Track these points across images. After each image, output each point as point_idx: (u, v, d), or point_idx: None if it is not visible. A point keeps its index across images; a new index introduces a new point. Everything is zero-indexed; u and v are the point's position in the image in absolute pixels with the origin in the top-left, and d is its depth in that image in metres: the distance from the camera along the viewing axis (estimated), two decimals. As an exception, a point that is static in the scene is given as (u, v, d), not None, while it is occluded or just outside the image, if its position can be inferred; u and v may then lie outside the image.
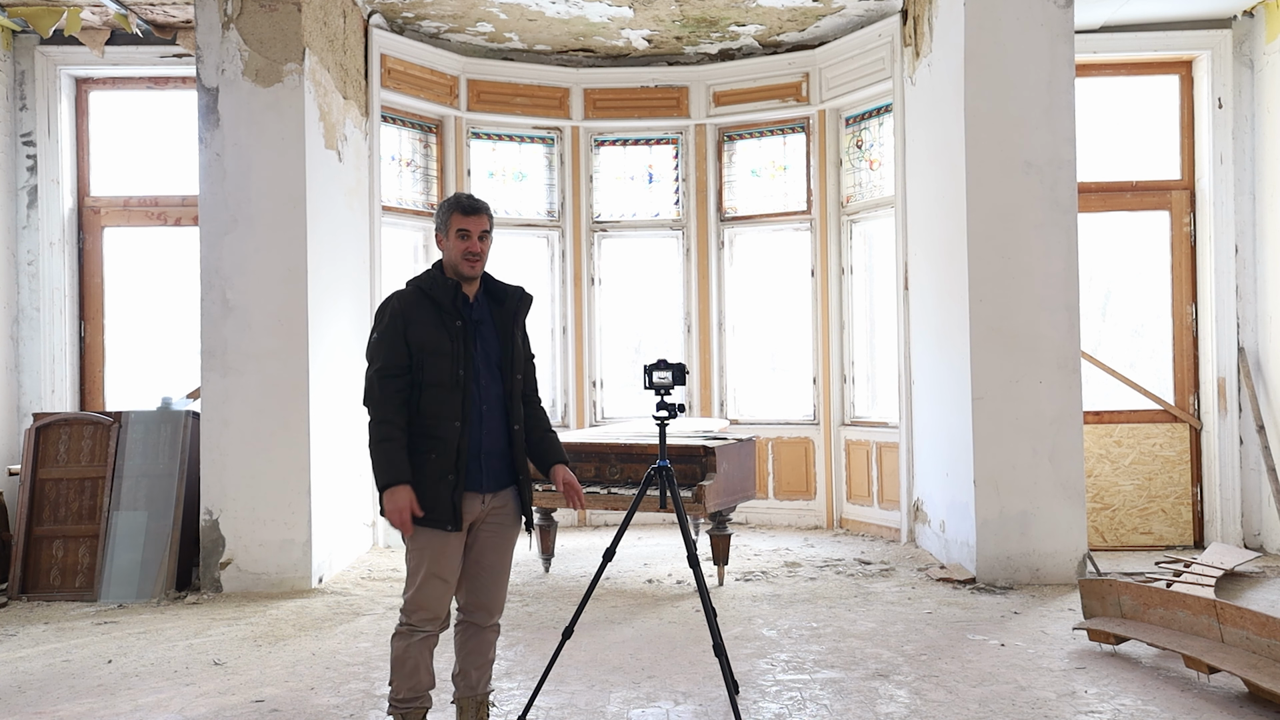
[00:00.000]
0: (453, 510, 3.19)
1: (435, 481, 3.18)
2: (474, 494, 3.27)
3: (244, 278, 5.92)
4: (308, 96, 6.01)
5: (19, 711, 3.94)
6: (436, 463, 3.19)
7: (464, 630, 3.40)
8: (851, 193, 7.92)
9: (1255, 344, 6.92)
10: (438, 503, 3.18)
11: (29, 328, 7.07)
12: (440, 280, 3.32)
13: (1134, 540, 7.02)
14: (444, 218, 3.33)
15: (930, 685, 4.05)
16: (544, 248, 8.37)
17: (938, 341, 6.47)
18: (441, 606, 3.26)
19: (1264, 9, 6.83)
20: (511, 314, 3.40)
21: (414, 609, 3.23)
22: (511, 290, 3.44)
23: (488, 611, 3.37)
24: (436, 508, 3.18)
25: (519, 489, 3.39)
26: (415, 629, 3.24)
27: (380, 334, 3.28)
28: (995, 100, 5.86)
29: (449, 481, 3.19)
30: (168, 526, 5.99)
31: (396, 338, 3.23)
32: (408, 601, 3.25)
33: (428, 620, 3.24)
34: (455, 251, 3.30)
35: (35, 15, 6.67)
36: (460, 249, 3.29)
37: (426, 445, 3.20)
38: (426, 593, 3.22)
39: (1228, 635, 3.94)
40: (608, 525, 8.10)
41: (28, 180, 7.10)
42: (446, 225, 3.32)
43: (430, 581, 3.22)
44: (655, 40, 7.93)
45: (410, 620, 3.23)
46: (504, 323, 3.38)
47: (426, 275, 3.37)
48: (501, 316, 3.39)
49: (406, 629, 3.25)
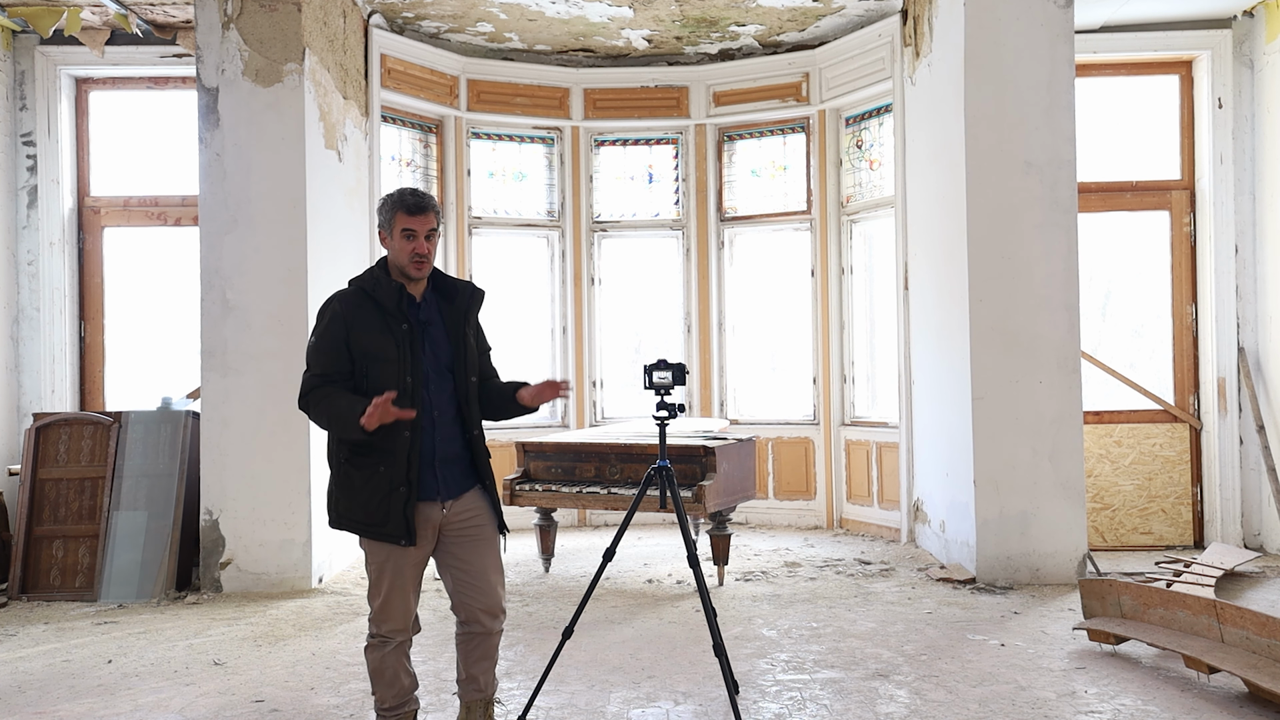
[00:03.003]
0: (405, 524, 3.06)
1: (386, 494, 3.05)
2: (430, 503, 3.14)
3: (244, 278, 5.92)
4: (308, 96, 6.01)
5: (19, 711, 3.94)
6: (386, 475, 3.05)
7: (469, 640, 3.29)
8: (851, 193, 7.92)
9: (1255, 344, 6.92)
10: (390, 516, 3.06)
11: (29, 328, 7.07)
12: (384, 281, 3.14)
13: (1134, 540, 7.02)
14: (388, 215, 3.14)
15: (930, 685, 4.05)
16: (544, 248, 8.37)
17: (938, 341, 6.47)
18: (408, 615, 3.20)
19: (1264, 9, 6.83)
20: (462, 312, 3.24)
21: (382, 620, 3.17)
22: (461, 286, 3.28)
23: (491, 615, 3.25)
24: (389, 521, 3.06)
25: (485, 491, 3.26)
26: (387, 640, 3.18)
27: (319, 338, 3.12)
28: (995, 100, 5.86)
29: (400, 494, 3.05)
30: (168, 526, 5.99)
31: (337, 343, 3.09)
32: (375, 613, 3.17)
33: (397, 630, 3.18)
34: (401, 253, 3.12)
35: (35, 15, 6.67)
36: (406, 250, 3.11)
37: (375, 458, 3.06)
38: (392, 605, 3.16)
39: (1228, 635, 3.94)
40: (608, 525, 8.10)
41: (28, 180, 7.10)
42: (390, 224, 3.12)
43: (393, 594, 3.15)
44: (655, 40, 7.93)
45: (380, 632, 3.17)
46: (454, 321, 3.22)
47: (369, 275, 3.19)
48: (452, 315, 3.22)
49: (378, 640, 3.19)
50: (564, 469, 6.16)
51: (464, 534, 3.22)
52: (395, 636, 3.19)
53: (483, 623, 3.26)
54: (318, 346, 3.14)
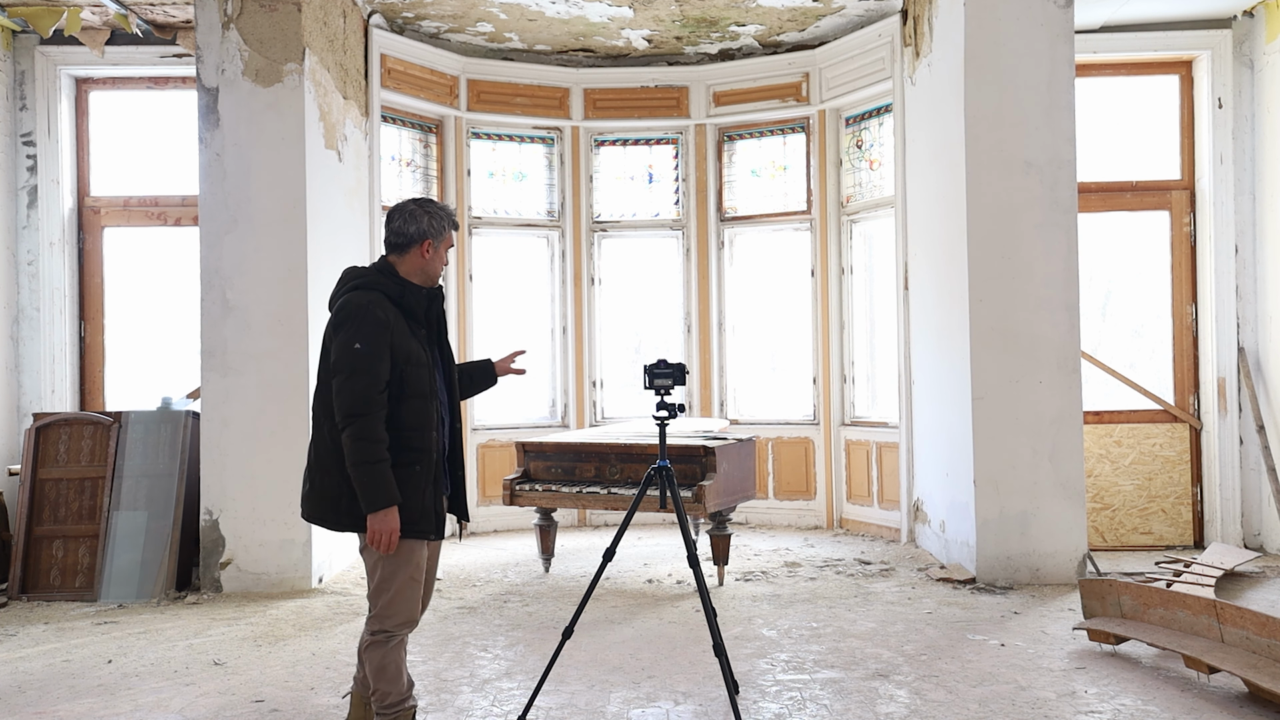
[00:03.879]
0: (436, 519, 3.22)
1: (421, 492, 3.17)
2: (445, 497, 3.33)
3: (244, 278, 5.92)
4: (308, 96, 6.01)
5: (19, 711, 3.94)
6: (420, 474, 3.18)
7: None
8: (851, 193, 7.92)
9: (1255, 344, 6.92)
10: (424, 513, 3.17)
11: (29, 328, 7.07)
12: (411, 288, 3.27)
13: (1134, 540, 7.02)
14: (440, 229, 3.31)
15: (930, 685, 4.05)
16: (544, 248, 8.37)
17: (938, 341, 6.47)
18: (418, 610, 3.28)
19: (1264, 9, 6.83)
20: (438, 315, 3.40)
21: (392, 615, 3.19)
22: (432, 292, 3.39)
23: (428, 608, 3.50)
24: (423, 519, 3.17)
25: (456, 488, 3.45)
26: (393, 635, 3.21)
27: (368, 345, 3.09)
28: (995, 100, 5.86)
29: (431, 491, 3.20)
30: (168, 526, 5.99)
31: (384, 350, 3.12)
32: (383, 609, 3.18)
33: (406, 625, 3.23)
34: (438, 264, 3.32)
35: (35, 15, 6.67)
36: (444, 264, 3.36)
37: (410, 457, 3.15)
38: (406, 599, 3.20)
39: (1228, 635, 3.94)
40: (608, 525, 8.10)
41: (28, 180, 7.10)
42: (441, 237, 3.31)
43: (409, 588, 3.21)
44: (655, 40, 7.93)
45: (387, 627, 3.20)
46: (439, 322, 3.41)
47: (390, 281, 3.24)
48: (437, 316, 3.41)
49: (384, 636, 3.21)
50: (564, 469, 6.16)
51: None
52: (402, 631, 3.23)
53: None
54: (369, 355, 3.10)
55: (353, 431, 3.06)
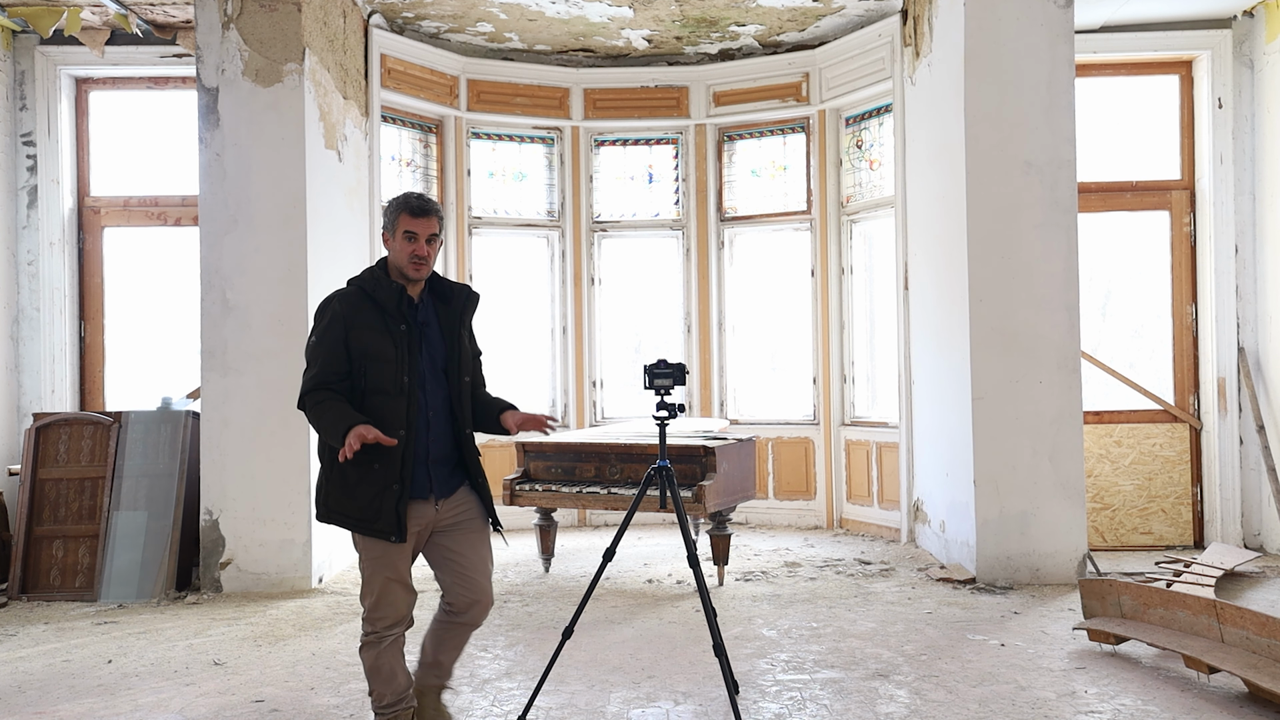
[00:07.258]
0: (397, 520, 3.10)
1: (379, 491, 3.10)
2: (422, 502, 3.20)
3: (244, 278, 5.92)
4: (308, 96, 6.01)
5: (19, 711, 3.94)
6: (380, 472, 3.10)
7: (450, 627, 3.34)
8: (851, 193, 7.92)
9: (1255, 344, 6.92)
10: (381, 513, 3.10)
11: (29, 328, 7.07)
12: (384, 281, 3.20)
13: (1134, 540, 7.02)
14: (391, 217, 3.21)
15: (930, 685, 4.05)
16: (544, 248, 8.37)
17: (938, 341, 6.47)
18: (405, 608, 3.23)
19: (1264, 9, 6.83)
20: (458, 314, 3.30)
21: (378, 616, 3.19)
22: (458, 289, 3.34)
23: (483, 608, 3.30)
24: (380, 518, 3.10)
25: (476, 490, 3.32)
26: (383, 635, 3.20)
27: (319, 338, 3.15)
28: (995, 100, 5.86)
29: (393, 491, 3.10)
30: (168, 526, 5.99)
31: (337, 343, 3.13)
32: (369, 610, 3.19)
33: (393, 625, 3.21)
34: (401, 254, 3.19)
35: (35, 15, 6.67)
36: (407, 251, 3.18)
37: (369, 455, 3.08)
38: (389, 599, 3.18)
39: (1228, 635, 3.94)
40: (608, 525, 8.10)
41: (28, 180, 7.10)
42: (394, 225, 3.20)
43: (389, 587, 3.18)
44: (655, 40, 7.93)
45: (375, 628, 3.19)
46: (450, 323, 3.28)
47: (369, 275, 3.25)
48: (448, 317, 3.29)
49: (374, 638, 3.20)
50: (564, 469, 6.16)
51: (457, 528, 3.30)
52: (391, 631, 3.21)
53: (473, 615, 3.32)
54: (317, 346, 3.17)
55: (307, 413, 3.16)
